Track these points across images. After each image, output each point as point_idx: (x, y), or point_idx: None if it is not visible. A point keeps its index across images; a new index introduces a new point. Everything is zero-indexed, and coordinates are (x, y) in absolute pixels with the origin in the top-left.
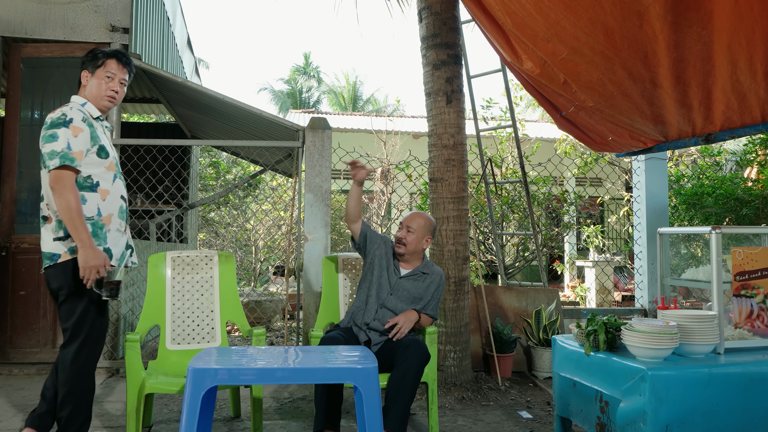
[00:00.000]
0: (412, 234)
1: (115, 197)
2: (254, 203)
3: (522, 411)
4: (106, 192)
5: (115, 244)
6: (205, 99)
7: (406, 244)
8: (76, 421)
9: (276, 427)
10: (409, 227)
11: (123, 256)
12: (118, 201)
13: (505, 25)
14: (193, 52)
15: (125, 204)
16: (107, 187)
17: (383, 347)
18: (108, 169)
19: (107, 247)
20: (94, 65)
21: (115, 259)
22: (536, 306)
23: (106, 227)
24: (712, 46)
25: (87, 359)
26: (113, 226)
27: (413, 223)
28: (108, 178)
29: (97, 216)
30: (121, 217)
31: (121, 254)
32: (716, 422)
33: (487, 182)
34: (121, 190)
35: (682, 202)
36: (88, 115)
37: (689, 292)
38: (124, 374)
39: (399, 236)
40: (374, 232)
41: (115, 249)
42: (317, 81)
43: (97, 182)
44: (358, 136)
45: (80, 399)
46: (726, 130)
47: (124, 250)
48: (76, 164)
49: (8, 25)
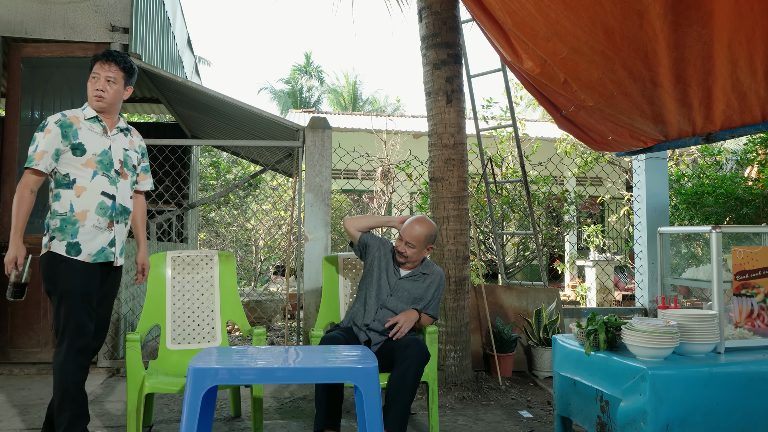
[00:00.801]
0: (412, 248)
1: (93, 193)
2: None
3: (522, 410)
4: (81, 189)
5: (89, 240)
6: (206, 99)
7: (406, 257)
8: (61, 418)
9: (276, 426)
10: (409, 243)
11: (100, 252)
12: (97, 197)
13: (505, 25)
14: (193, 52)
15: (111, 201)
16: (84, 184)
17: (383, 347)
18: (85, 166)
19: (75, 241)
20: (91, 69)
21: (87, 255)
22: (536, 305)
23: (80, 223)
24: (712, 45)
25: (66, 356)
26: (89, 222)
27: (413, 238)
28: (85, 176)
29: (69, 212)
30: (100, 214)
31: (98, 250)
32: (717, 421)
33: (487, 182)
34: (104, 186)
35: (682, 201)
36: (79, 116)
37: (689, 292)
38: (124, 374)
39: (399, 249)
40: (373, 236)
41: (88, 245)
42: (318, 81)
43: (73, 179)
44: (359, 136)
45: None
46: (726, 129)
47: (106, 247)
48: (34, 164)
49: (8, 25)
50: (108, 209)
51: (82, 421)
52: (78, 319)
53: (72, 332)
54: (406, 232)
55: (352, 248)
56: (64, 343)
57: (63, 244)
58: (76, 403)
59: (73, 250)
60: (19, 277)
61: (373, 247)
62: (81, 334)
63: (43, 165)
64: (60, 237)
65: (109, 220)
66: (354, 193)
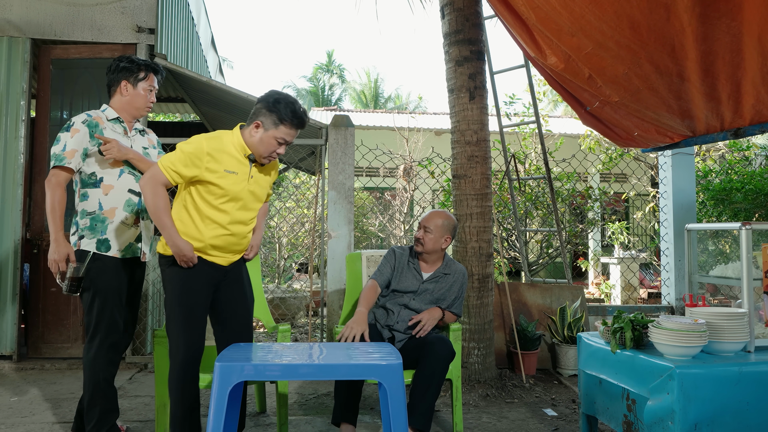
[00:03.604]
0: (430, 234)
1: (121, 191)
2: (278, 201)
3: (547, 408)
4: (109, 187)
5: (117, 237)
6: (229, 98)
7: (423, 244)
8: (92, 413)
9: (301, 422)
10: (427, 227)
11: (128, 248)
12: (124, 195)
13: (528, 20)
14: (216, 52)
15: (138, 198)
16: (111, 182)
17: (407, 344)
18: (112, 165)
19: (104, 238)
20: (136, 78)
21: (117, 250)
22: (560, 303)
23: (109, 220)
24: (741, 38)
25: (97, 351)
26: (117, 218)
27: (431, 223)
28: (113, 174)
29: (98, 210)
30: (128, 211)
31: (126, 246)
32: (746, 421)
33: (510, 179)
34: (131, 184)
35: (709, 197)
36: (102, 117)
37: (717, 290)
38: (151, 369)
39: (417, 236)
40: (385, 266)
41: (117, 241)
42: (340, 79)
43: (101, 178)
44: (381, 134)
45: (93, 391)
46: (756, 124)
47: (133, 242)
48: (65, 162)
49: (38, 28)
50: (135, 206)
51: (112, 415)
52: (110, 316)
53: (104, 328)
54: (425, 218)
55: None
56: (96, 339)
57: (93, 241)
58: (106, 398)
59: (103, 247)
60: (77, 271)
61: (391, 271)
62: (112, 330)
63: (74, 163)
64: (90, 235)
65: (135, 216)
66: (376, 190)
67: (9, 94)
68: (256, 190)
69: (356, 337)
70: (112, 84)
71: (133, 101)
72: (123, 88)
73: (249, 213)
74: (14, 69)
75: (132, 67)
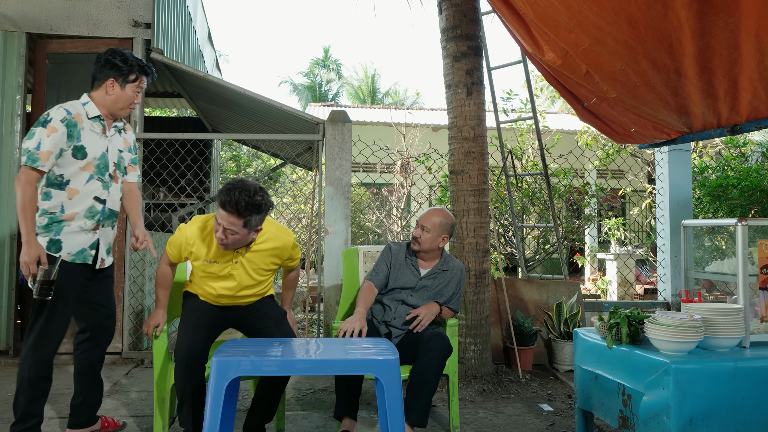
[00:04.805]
0: (427, 233)
1: (85, 197)
2: (275, 196)
3: (543, 404)
4: (74, 191)
5: (71, 240)
6: (226, 93)
7: (420, 243)
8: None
9: (298, 417)
10: (424, 226)
11: (80, 253)
12: (88, 201)
13: (526, 16)
14: (213, 47)
15: (102, 206)
16: (77, 187)
17: (404, 340)
18: (83, 170)
19: (57, 238)
20: (125, 79)
21: (68, 253)
22: (557, 299)
23: (65, 223)
24: (738, 34)
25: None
26: (76, 223)
27: (428, 222)
28: (81, 179)
29: (59, 212)
30: (89, 217)
31: (78, 251)
32: (741, 416)
33: (507, 174)
34: (97, 191)
35: (706, 194)
36: (81, 114)
37: (712, 286)
38: (148, 365)
39: (415, 234)
40: (381, 265)
41: (69, 243)
42: (337, 74)
43: (67, 181)
44: (378, 129)
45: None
46: (752, 120)
47: (86, 248)
48: (39, 165)
49: (34, 22)
50: (98, 213)
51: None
52: (47, 317)
53: (38, 329)
54: (422, 217)
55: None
56: (30, 338)
57: (45, 240)
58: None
59: (54, 247)
60: (48, 274)
61: (387, 268)
62: (46, 331)
63: (47, 166)
64: (43, 233)
65: (95, 223)
66: (373, 186)
67: (4, 89)
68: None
69: (355, 332)
70: (98, 77)
71: (117, 101)
72: (109, 86)
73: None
74: (10, 63)
75: (123, 68)
